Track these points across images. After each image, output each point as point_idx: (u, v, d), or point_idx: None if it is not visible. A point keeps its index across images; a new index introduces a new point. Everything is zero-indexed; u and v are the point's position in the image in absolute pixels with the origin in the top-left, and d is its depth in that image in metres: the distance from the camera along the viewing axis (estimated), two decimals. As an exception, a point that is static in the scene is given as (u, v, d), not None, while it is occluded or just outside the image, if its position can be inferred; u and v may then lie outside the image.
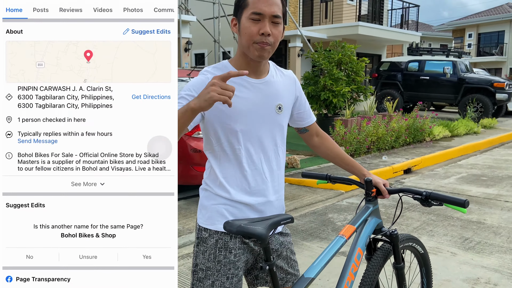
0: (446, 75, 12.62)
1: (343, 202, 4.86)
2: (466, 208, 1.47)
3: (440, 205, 1.54)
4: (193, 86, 1.41)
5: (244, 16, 1.37)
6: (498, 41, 32.32)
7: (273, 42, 1.37)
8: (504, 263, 3.14)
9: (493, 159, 7.50)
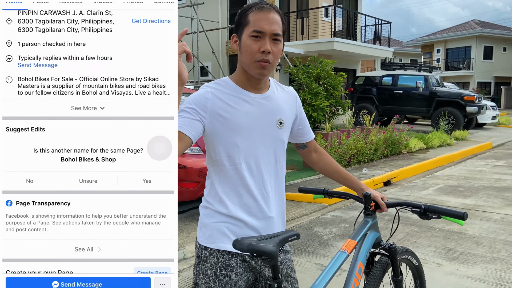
0: (419, 89, 13.02)
1: (327, 215, 4.88)
2: (465, 220, 1.50)
3: (439, 217, 1.57)
4: (194, 99, 1.41)
5: (245, 33, 1.38)
6: (465, 56, 33.70)
7: (272, 60, 1.39)
8: (488, 273, 3.21)
9: (467, 170, 7.73)
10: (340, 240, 4.01)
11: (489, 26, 34.16)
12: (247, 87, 1.44)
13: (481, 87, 32.94)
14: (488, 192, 5.90)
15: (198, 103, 1.38)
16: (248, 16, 1.39)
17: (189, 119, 1.35)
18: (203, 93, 1.41)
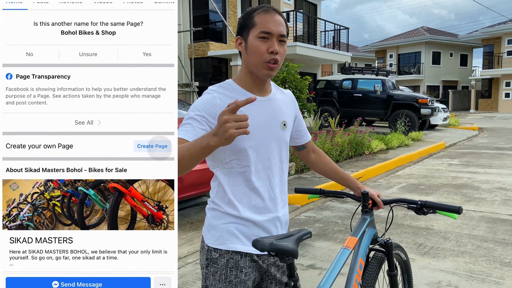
0: (377, 92, 13.54)
1: (301, 216, 4.96)
2: (460, 214, 1.60)
3: (434, 212, 1.65)
4: (201, 105, 1.40)
5: (251, 35, 1.40)
6: (415, 61, 35.41)
7: (279, 61, 1.41)
8: (459, 265, 3.40)
9: (426, 169, 8.11)
10: (316, 240, 4.08)
11: (437, 33, 36.13)
12: (253, 90, 1.46)
13: (431, 90, 34.74)
14: (447, 190, 6.23)
15: (207, 110, 1.37)
16: (254, 18, 1.40)
17: (199, 129, 1.34)
18: (211, 99, 1.40)
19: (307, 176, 6.88)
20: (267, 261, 1.50)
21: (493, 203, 5.39)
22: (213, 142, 1.17)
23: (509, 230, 4.26)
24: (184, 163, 1.21)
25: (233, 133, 1.14)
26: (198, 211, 5.00)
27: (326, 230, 4.38)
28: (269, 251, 1.19)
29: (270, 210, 1.48)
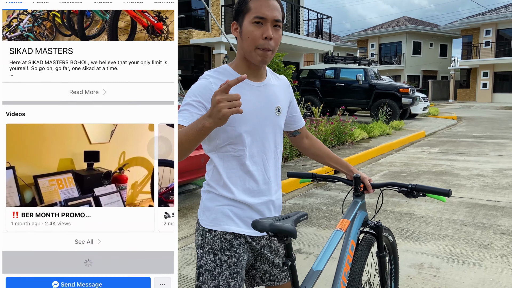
0: (359, 81, 13.68)
1: (286, 203, 5.03)
2: (449, 197, 1.66)
3: (423, 195, 1.71)
4: (197, 91, 1.41)
5: (246, 20, 1.40)
6: (396, 51, 35.81)
7: (273, 47, 1.42)
8: (440, 248, 3.52)
9: (407, 157, 8.29)
10: (301, 226, 4.15)
11: (418, 23, 36.58)
12: (248, 75, 1.47)
13: (411, 80, 35.28)
14: (428, 177, 6.39)
15: (203, 95, 1.38)
16: (249, 3, 1.41)
17: (197, 114, 1.35)
18: (207, 84, 1.41)
19: (291, 164, 6.95)
20: (261, 243, 1.54)
21: (471, 189, 5.56)
22: (208, 123, 1.19)
23: (487, 215, 4.42)
24: (183, 147, 1.24)
25: (226, 113, 1.16)
26: (185, 198, 5.01)
27: (311, 217, 4.45)
28: (269, 232, 1.22)
29: (264, 193, 1.51)
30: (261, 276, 1.61)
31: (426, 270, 3.11)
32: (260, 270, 1.59)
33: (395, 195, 5.23)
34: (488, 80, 30.92)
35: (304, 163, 7.02)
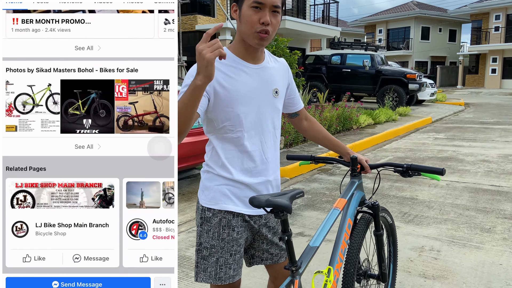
0: (365, 67, 13.57)
1: (290, 188, 5.07)
2: (443, 175, 1.68)
3: (418, 174, 1.74)
4: (194, 72, 1.43)
5: (245, 4, 1.42)
6: (404, 36, 35.33)
7: (271, 31, 1.44)
8: (441, 232, 3.55)
9: (412, 143, 8.27)
10: (305, 209, 4.20)
11: (427, 8, 35.98)
12: (246, 57, 1.50)
13: (419, 66, 34.88)
14: (433, 162, 6.39)
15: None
16: None
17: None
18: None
19: (296, 149, 6.97)
20: (259, 222, 1.58)
21: (476, 174, 5.56)
22: (198, 80, 1.21)
23: (490, 199, 4.44)
24: (182, 116, 1.24)
25: (209, 57, 1.17)
26: (190, 183, 5.07)
27: (315, 201, 4.50)
28: (265, 207, 1.26)
29: (262, 173, 1.55)
30: (259, 255, 1.65)
31: (426, 252, 3.15)
32: (259, 249, 1.64)
33: (399, 180, 5.26)
34: (497, 66, 30.49)
35: (309, 148, 7.04)
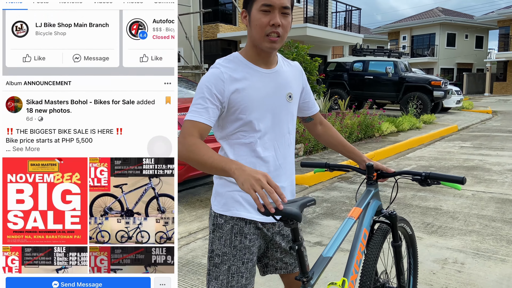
0: (388, 74, 13.36)
1: (309, 196, 4.99)
2: (463, 185, 1.60)
3: (438, 183, 1.67)
4: (209, 81, 1.41)
5: (254, 8, 1.39)
6: (429, 43, 34.71)
7: (282, 33, 1.41)
8: (466, 244, 3.41)
9: (437, 151, 8.05)
10: (323, 218, 4.12)
11: (452, 14, 35.30)
12: (258, 62, 1.47)
13: (444, 73, 34.15)
14: (458, 171, 6.19)
15: (215, 86, 1.39)
16: None
17: (212, 108, 1.37)
18: (218, 74, 1.41)
19: (315, 157, 6.89)
20: (272, 230, 1.54)
21: (503, 184, 5.35)
22: (233, 173, 1.22)
23: (519, 211, 4.25)
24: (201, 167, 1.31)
25: (248, 190, 1.16)
26: (208, 189, 5.07)
27: (334, 210, 4.41)
28: (274, 215, 1.22)
29: (275, 179, 1.51)
30: (273, 264, 1.61)
31: (450, 265, 3.02)
32: (273, 257, 1.60)
33: (422, 190, 5.11)
34: (527, 73, 29.52)
35: (329, 156, 6.95)
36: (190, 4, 13.44)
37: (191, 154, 1.30)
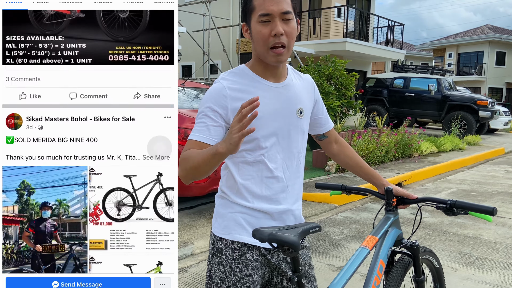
0: (431, 92, 12.85)
1: (338, 216, 4.79)
2: (494, 216, 1.41)
3: (465, 213, 1.48)
4: (210, 98, 1.33)
5: (253, 20, 1.29)
6: (477, 61, 33.31)
7: (288, 41, 1.29)
8: (506, 279, 3.10)
9: (480, 175, 7.57)
10: (351, 241, 3.91)
11: (502, 32, 33.74)
12: (265, 76, 1.36)
13: (493, 92, 32.54)
14: (502, 198, 5.76)
15: (217, 102, 1.30)
16: (253, 1, 1.29)
17: (213, 126, 1.28)
18: (221, 89, 1.32)
19: (348, 175, 6.65)
20: (277, 257, 1.41)
21: (553, 214, 4.90)
22: (221, 148, 1.14)
23: None
24: (200, 169, 1.21)
25: (235, 138, 1.10)
26: (233, 204, 4.98)
27: (363, 232, 4.18)
28: (268, 242, 1.10)
29: (282, 202, 1.39)
30: None
31: (486, 302, 2.74)
32: (278, 286, 1.46)
33: (461, 216, 4.76)
34: None
35: (362, 175, 6.68)
36: (230, 17, 13.61)
37: (185, 164, 1.22)
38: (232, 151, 1.12)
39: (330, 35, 13.82)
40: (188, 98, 5.13)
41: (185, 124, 4.12)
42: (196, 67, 14.52)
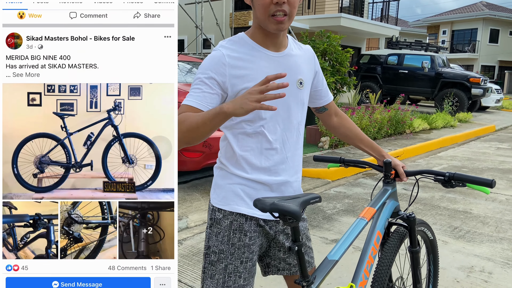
0: (424, 69, 12.84)
1: (331, 191, 4.83)
2: (492, 188, 1.43)
3: (463, 185, 1.49)
4: (209, 65, 1.29)
5: None
6: (471, 38, 33.23)
7: (289, 10, 1.26)
8: (495, 252, 3.18)
9: (471, 151, 7.66)
10: (343, 215, 3.96)
11: (497, 9, 33.57)
12: (266, 44, 1.33)
13: (485, 70, 32.64)
14: (492, 174, 5.85)
15: (215, 70, 1.27)
16: None
17: (208, 93, 1.25)
18: (220, 57, 1.29)
19: (341, 151, 6.68)
20: (275, 228, 1.42)
21: (542, 190, 5.00)
22: (227, 108, 1.10)
23: (557, 219, 3.94)
24: (198, 131, 1.17)
25: (250, 105, 1.07)
26: (227, 179, 5.00)
27: (355, 206, 4.24)
28: (270, 211, 1.09)
29: (281, 173, 1.38)
30: (275, 264, 1.49)
31: (476, 273, 2.81)
32: (275, 257, 1.47)
33: (451, 191, 4.84)
34: None
35: (355, 150, 6.72)
36: (223, -9, 13.33)
37: (181, 126, 1.18)
38: (238, 114, 1.10)
39: (325, 10, 13.63)
40: (182, 72, 5.06)
41: (179, 98, 4.08)
42: (189, 42, 14.27)
